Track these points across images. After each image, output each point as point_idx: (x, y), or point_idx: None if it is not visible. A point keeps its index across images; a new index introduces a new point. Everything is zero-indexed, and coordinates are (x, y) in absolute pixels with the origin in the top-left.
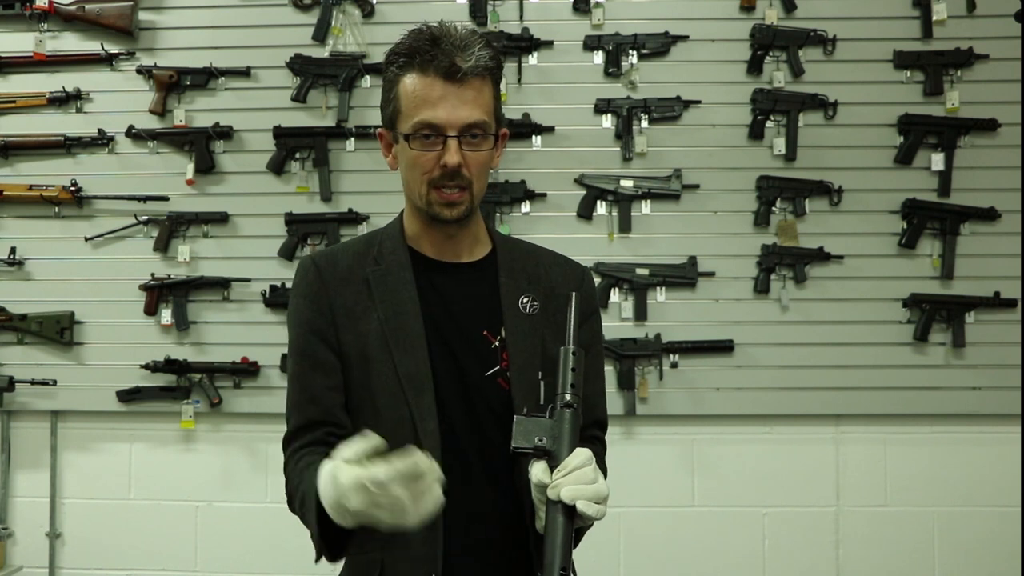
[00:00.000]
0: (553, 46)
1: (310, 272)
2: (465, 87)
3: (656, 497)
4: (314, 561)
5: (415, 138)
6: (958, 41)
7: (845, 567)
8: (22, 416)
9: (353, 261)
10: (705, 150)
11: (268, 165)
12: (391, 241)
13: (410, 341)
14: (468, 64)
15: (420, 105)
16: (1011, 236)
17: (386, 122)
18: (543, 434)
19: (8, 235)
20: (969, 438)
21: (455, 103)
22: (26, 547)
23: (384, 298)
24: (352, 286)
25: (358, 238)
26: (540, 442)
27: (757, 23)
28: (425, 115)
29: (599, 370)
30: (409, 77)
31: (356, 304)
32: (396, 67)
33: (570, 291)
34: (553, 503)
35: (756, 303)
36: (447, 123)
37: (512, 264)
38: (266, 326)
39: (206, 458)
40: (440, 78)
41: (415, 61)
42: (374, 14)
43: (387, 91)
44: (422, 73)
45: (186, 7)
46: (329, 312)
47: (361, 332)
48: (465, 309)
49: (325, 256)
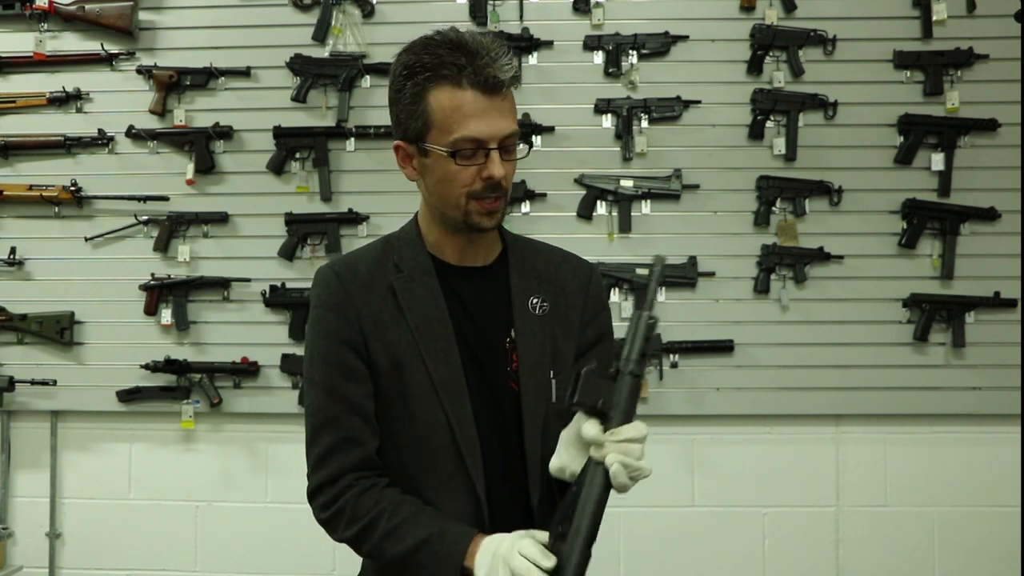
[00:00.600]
0: (553, 46)
1: (332, 283)
2: (503, 98)
3: (656, 497)
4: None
5: (459, 154)
6: (958, 41)
7: (845, 567)
8: (22, 416)
9: (373, 268)
10: (705, 150)
11: (268, 165)
12: (410, 248)
13: (442, 348)
14: (507, 76)
15: (461, 120)
16: (1011, 236)
17: (409, 136)
18: (603, 396)
19: (8, 235)
20: (969, 438)
21: (496, 116)
22: (26, 547)
23: (412, 306)
24: (376, 294)
25: (372, 245)
26: (600, 405)
27: (757, 23)
28: (468, 131)
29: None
30: (442, 91)
31: (383, 312)
32: (420, 79)
33: (580, 288)
34: (596, 464)
35: (756, 303)
36: (490, 137)
37: (523, 265)
38: (266, 326)
39: (206, 458)
40: (480, 91)
41: (445, 74)
42: (374, 14)
43: (409, 104)
44: (457, 87)
45: (186, 7)
46: (356, 321)
47: (391, 340)
48: (485, 314)
49: (344, 265)
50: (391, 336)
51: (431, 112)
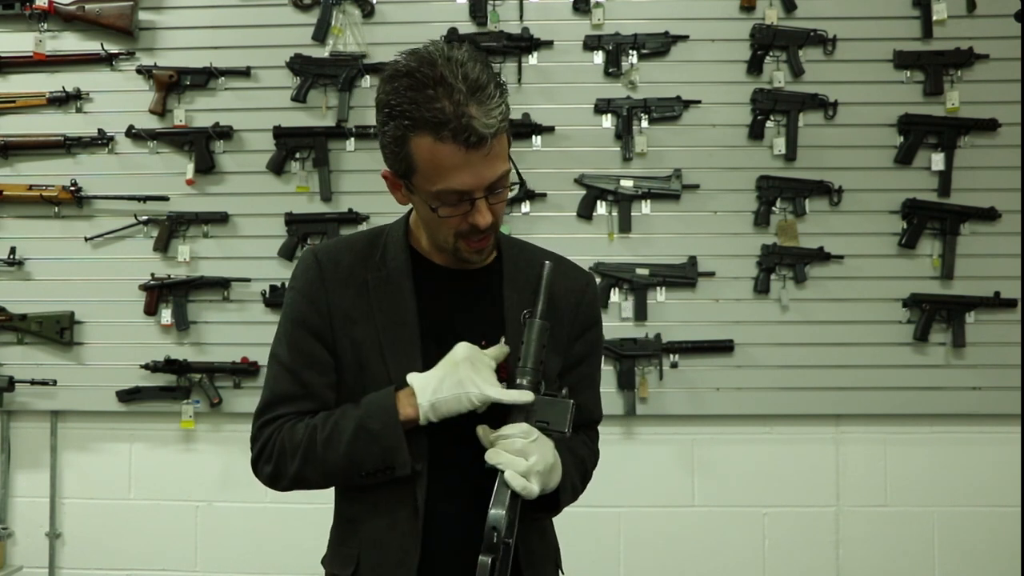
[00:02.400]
0: (553, 46)
1: (311, 269)
2: (488, 149)
3: (656, 497)
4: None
5: (442, 204)
6: (958, 41)
7: (845, 567)
8: (22, 416)
9: (355, 261)
10: (705, 150)
11: (268, 165)
12: (395, 245)
13: (405, 350)
14: (491, 130)
15: (443, 173)
16: (1011, 236)
17: (395, 169)
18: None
19: (8, 235)
20: (969, 438)
21: (480, 166)
22: (26, 547)
23: (382, 306)
24: (351, 289)
25: (362, 234)
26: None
27: (757, 23)
28: (451, 184)
29: (595, 379)
30: (424, 141)
31: (354, 308)
32: (402, 124)
33: (572, 303)
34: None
35: (756, 303)
36: (476, 187)
37: (516, 275)
38: (266, 326)
39: (206, 458)
40: (462, 147)
41: (426, 125)
42: (374, 14)
43: (392, 145)
44: (439, 140)
45: (186, 7)
46: (327, 313)
47: (357, 337)
48: (465, 317)
49: (328, 252)
50: (357, 333)
51: (414, 159)
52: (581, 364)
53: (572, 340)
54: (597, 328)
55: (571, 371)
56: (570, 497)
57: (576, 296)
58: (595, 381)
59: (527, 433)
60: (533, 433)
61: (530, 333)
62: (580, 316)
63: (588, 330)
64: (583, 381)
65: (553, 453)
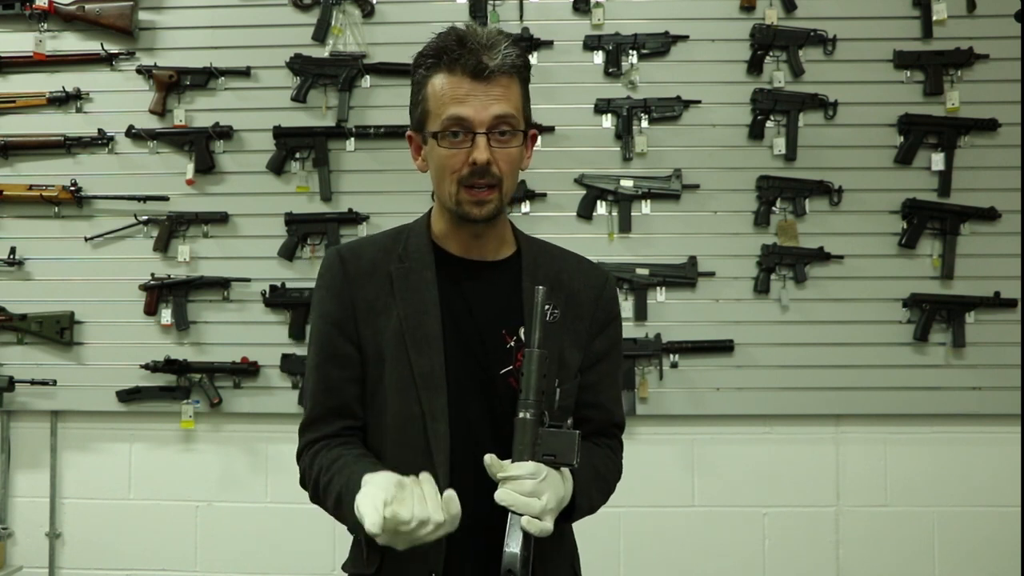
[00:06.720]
0: (553, 46)
1: (334, 265)
2: (492, 84)
3: (656, 497)
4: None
5: (444, 136)
6: (958, 41)
7: (845, 567)
8: (22, 416)
9: (378, 256)
10: (705, 150)
11: (268, 165)
12: (417, 238)
13: (427, 341)
14: (495, 62)
15: (448, 103)
16: (1011, 236)
17: (415, 124)
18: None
19: (8, 235)
20: (969, 438)
21: (483, 100)
22: (26, 547)
23: (405, 296)
24: (375, 281)
25: (386, 232)
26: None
27: (757, 23)
28: (453, 111)
29: (616, 377)
30: (437, 77)
31: (377, 299)
32: (424, 69)
33: (592, 298)
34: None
35: (756, 303)
36: (475, 119)
37: (536, 270)
38: (266, 326)
39: (206, 458)
40: (468, 76)
41: (442, 61)
42: (374, 14)
43: (415, 93)
44: (449, 72)
45: (186, 7)
46: (351, 306)
47: (380, 328)
48: (486, 308)
49: (350, 249)
50: (380, 324)
51: (428, 99)
52: (601, 361)
53: (592, 336)
54: (617, 323)
55: (592, 368)
56: (586, 514)
57: (595, 291)
58: (616, 381)
59: (536, 473)
60: (542, 471)
61: (529, 364)
62: (600, 311)
63: (608, 325)
64: (604, 380)
65: (564, 485)
